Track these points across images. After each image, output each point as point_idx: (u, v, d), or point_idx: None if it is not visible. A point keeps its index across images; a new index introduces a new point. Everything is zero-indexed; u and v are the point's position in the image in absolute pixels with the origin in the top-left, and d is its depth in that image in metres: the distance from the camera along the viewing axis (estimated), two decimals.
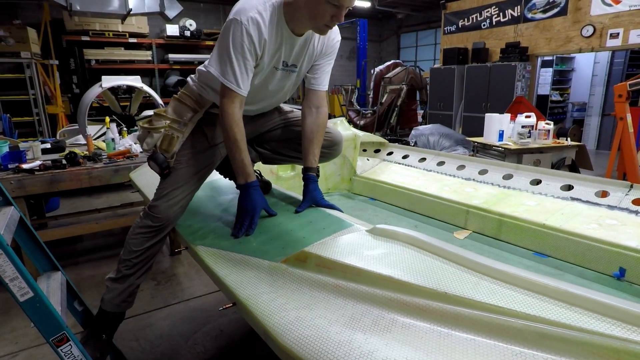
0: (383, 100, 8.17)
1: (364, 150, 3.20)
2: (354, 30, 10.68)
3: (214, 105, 1.59)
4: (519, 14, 7.25)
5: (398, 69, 8.33)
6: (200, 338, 2.29)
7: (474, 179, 2.48)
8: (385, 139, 3.29)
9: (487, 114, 4.33)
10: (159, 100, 4.41)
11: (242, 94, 1.40)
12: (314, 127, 1.57)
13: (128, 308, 1.62)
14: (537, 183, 2.23)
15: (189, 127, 1.55)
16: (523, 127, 3.96)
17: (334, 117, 2.86)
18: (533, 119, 4.01)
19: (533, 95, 7.49)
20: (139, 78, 4.33)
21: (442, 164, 2.73)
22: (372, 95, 8.93)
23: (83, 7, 5.09)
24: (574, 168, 4.01)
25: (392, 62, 8.85)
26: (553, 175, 2.20)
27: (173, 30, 8.65)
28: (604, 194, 1.97)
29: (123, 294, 1.57)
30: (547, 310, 0.78)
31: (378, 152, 3.21)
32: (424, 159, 2.88)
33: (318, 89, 1.60)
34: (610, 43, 6.11)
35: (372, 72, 9.22)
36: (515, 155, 3.83)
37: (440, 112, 8.19)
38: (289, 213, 1.50)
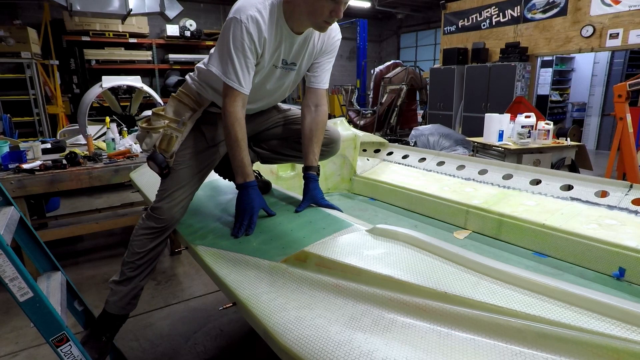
0: (383, 101, 8.17)
1: (364, 150, 3.20)
2: (354, 31, 10.68)
3: (213, 104, 1.59)
4: (519, 14, 7.26)
5: (398, 69, 8.33)
6: (201, 338, 2.29)
7: (474, 179, 2.48)
8: (385, 139, 3.29)
9: (486, 114, 4.33)
10: (159, 100, 4.41)
11: (244, 93, 1.40)
12: (314, 125, 1.56)
13: (132, 310, 1.63)
14: (536, 183, 2.23)
15: (188, 126, 1.56)
16: (523, 127, 3.96)
17: (334, 117, 2.86)
18: (533, 119, 4.01)
19: (533, 96, 7.49)
20: (139, 78, 4.34)
21: (442, 164, 2.73)
22: (372, 96, 8.93)
23: (83, 7, 5.10)
24: (574, 168, 4.02)
25: (392, 62, 8.86)
26: (553, 175, 2.20)
27: (173, 31, 8.65)
28: (604, 194, 1.97)
29: (127, 297, 1.57)
30: (546, 310, 0.78)
31: (378, 152, 3.21)
32: (424, 159, 2.88)
33: (318, 87, 1.60)
34: (610, 43, 6.12)
35: (372, 72, 9.22)
36: (515, 155, 3.83)
37: (440, 112, 8.20)
38: (289, 213, 1.50)
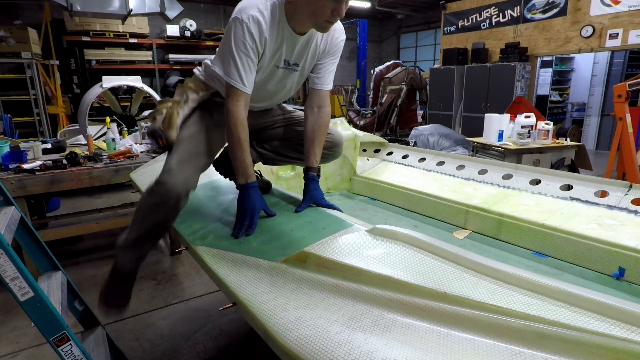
0: (383, 101, 8.17)
1: (364, 150, 3.20)
2: (354, 31, 10.68)
3: (219, 94, 1.59)
4: (519, 15, 7.26)
5: (398, 69, 8.33)
6: (201, 338, 2.29)
7: (474, 179, 2.49)
8: (385, 139, 3.29)
9: (486, 114, 4.33)
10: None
11: (246, 92, 1.40)
12: (316, 127, 1.56)
13: (139, 265, 1.66)
14: (536, 183, 2.23)
15: (190, 104, 1.55)
16: (522, 127, 3.96)
17: (334, 117, 2.86)
18: (532, 119, 4.01)
19: (532, 96, 7.49)
20: (140, 78, 4.34)
21: (441, 164, 2.73)
22: (372, 96, 8.93)
23: (83, 7, 5.10)
24: (574, 168, 4.02)
25: (392, 62, 8.85)
26: (552, 175, 2.21)
27: (173, 31, 8.65)
28: (603, 194, 1.97)
29: (132, 259, 1.62)
30: (546, 310, 0.78)
31: (378, 152, 3.22)
32: (424, 159, 2.88)
33: (321, 89, 1.60)
34: (610, 43, 6.12)
35: (372, 72, 9.22)
36: (515, 155, 3.83)
37: (440, 112, 8.20)
38: (289, 213, 1.50)
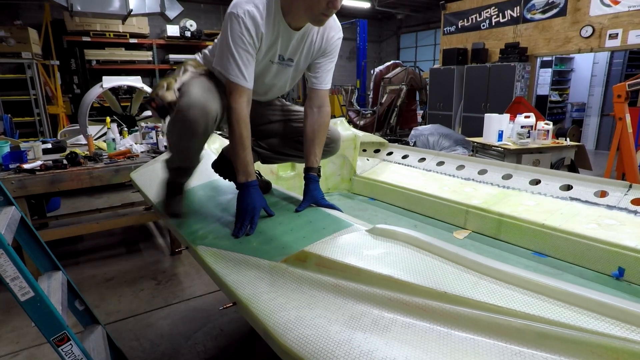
0: (383, 101, 8.17)
1: (364, 150, 3.21)
2: (354, 31, 10.68)
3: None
4: (518, 15, 7.26)
5: (398, 70, 8.33)
6: (201, 337, 2.29)
7: (474, 179, 2.49)
8: (385, 139, 3.30)
9: (486, 114, 4.34)
10: None
11: (248, 87, 1.39)
12: (316, 127, 1.56)
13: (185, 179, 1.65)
14: (536, 183, 2.24)
15: (189, 74, 1.53)
16: (522, 127, 3.97)
17: (334, 117, 2.87)
18: (532, 119, 4.01)
19: (532, 96, 7.49)
20: (140, 78, 4.34)
21: (441, 164, 2.74)
22: (371, 96, 8.94)
23: (84, 7, 5.10)
24: (573, 168, 4.02)
25: (391, 62, 8.86)
26: (552, 175, 2.21)
27: (173, 31, 8.65)
28: (603, 194, 1.98)
29: (178, 175, 1.61)
30: (546, 310, 0.78)
31: (378, 152, 3.22)
32: (424, 159, 2.88)
33: (319, 88, 1.59)
34: (609, 43, 6.12)
35: (371, 72, 9.22)
36: (515, 155, 3.83)
37: (440, 112, 8.21)
38: (289, 213, 1.50)
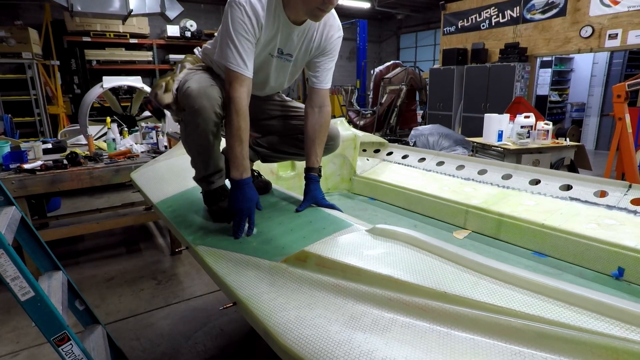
0: (383, 101, 8.17)
1: (364, 150, 3.21)
2: (354, 31, 10.68)
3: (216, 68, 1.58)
4: (518, 15, 7.26)
5: (398, 70, 8.33)
6: (201, 337, 2.29)
7: (473, 179, 2.49)
8: (385, 139, 3.30)
9: (486, 115, 4.34)
10: None
11: (247, 76, 1.36)
12: (317, 126, 1.56)
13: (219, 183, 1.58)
14: (536, 183, 2.24)
15: (186, 71, 1.53)
16: (522, 127, 3.97)
17: (334, 117, 2.88)
18: (532, 119, 4.02)
19: (532, 96, 7.49)
20: (140, 78, 4.34)
21: (441, 164, 2.74)
22: (371, 96, 8.93)
23: (84, 7, 5.11)
24: (573, 168, 4.02)
25: (391, 62, 8.86)
26: (552, 175, 2.21)
27: (174, 31, 8.66)
28: (603, 194, 1.98)
29: (210, 182, 1.55)
30: (546, 310, 0.78)
31: (378, 152, 3.22)
32: (424, 159, 2.88)
33: (320, 88, 1.59)
34: (609, 44, 6.12)
35: (371, 72, 9.22)
36: (515, 156, 3.83)
37: (440, 112, 8.21)
38: (289, 213, 1.50)
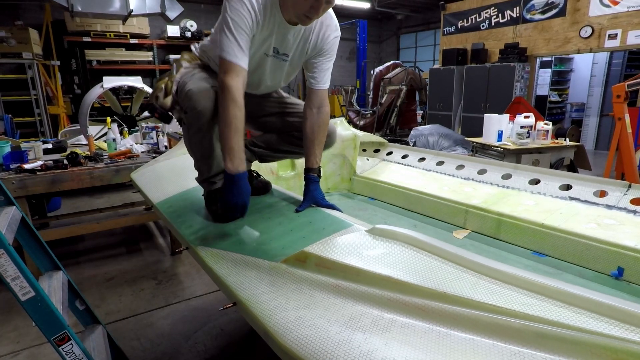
0: (382, 101, 8.17)
1: (364, 150, 3.21)
2: (354, 31, 10.69)
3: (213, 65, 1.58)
4: (518, 15, 7.27)
5: (397, 70, 8.34)
6: (201, 337, 2.29)
7: (473, 179, 2.49)
8: (385, 139, 3.30)
9: (486, 115, 4.34)
10: None
11: (242, 66, 1.34)
12: (316, 127, 1.57)
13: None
14: (535, 183, 2.24)
15: (182, 72, 1.52)
16: (522, 127, 3.97)
17: (334, 117, 2.88)
18: (532, 120, 4.02)
19: (532, 96, 7.50)
20: (140, 79, 4.35)
21: (441, 164, 2.74)
22: (371, 96, 8.93)
23: (84, 8, 5.10)
24: (573, 168, 4.02)
25: (391, 62, 8.86)
26: (552, 175, 2.21)
27: (174, 31, 8.65)
28: (603, 194, 1.98)
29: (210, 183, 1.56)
30: (545, 310, 0.78)
31: (377, 152, 3.22)
32: (424, 159, 2.88)
33: (318, 88, 1.59)
34: (609, 44, 6.13)
35: (371, 72, 9.22)
36: (514, 155, 3.83)
37: (440, 112, 8.21)
38: (289, 213, 1.50)
